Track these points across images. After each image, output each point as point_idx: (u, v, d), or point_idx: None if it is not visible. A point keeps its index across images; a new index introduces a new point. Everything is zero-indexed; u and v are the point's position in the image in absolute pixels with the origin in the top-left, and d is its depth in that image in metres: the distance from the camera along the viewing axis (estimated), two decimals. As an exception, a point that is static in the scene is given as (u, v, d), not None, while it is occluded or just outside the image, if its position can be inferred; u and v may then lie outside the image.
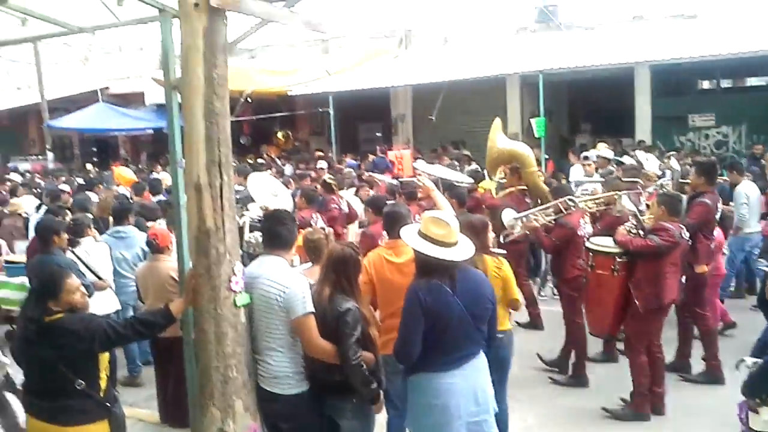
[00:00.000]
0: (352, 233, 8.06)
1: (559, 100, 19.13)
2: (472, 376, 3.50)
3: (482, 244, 4.37)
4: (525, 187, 7.62)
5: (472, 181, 8.07)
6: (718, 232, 6.50)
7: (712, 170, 6.27)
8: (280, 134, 20.39)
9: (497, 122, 8.34)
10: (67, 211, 6.94)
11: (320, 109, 17.04)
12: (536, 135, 14.40)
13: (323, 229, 5.54)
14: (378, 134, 19.91)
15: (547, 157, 15.02)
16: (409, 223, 4.05)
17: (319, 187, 8.57)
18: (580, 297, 6.07)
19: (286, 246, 3.75)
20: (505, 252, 4.81)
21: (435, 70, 16.13)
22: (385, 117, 19.49)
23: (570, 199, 6.30)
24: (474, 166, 12.34)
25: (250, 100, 16.34)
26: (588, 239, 5.93)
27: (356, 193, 9.38)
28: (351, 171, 11.98)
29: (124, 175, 12.62)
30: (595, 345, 6.36)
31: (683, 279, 5.62)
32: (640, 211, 5.88)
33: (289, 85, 17.02)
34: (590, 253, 5.68)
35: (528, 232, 6.39)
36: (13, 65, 22.66)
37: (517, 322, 6.63)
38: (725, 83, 17.26)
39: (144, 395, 6.11)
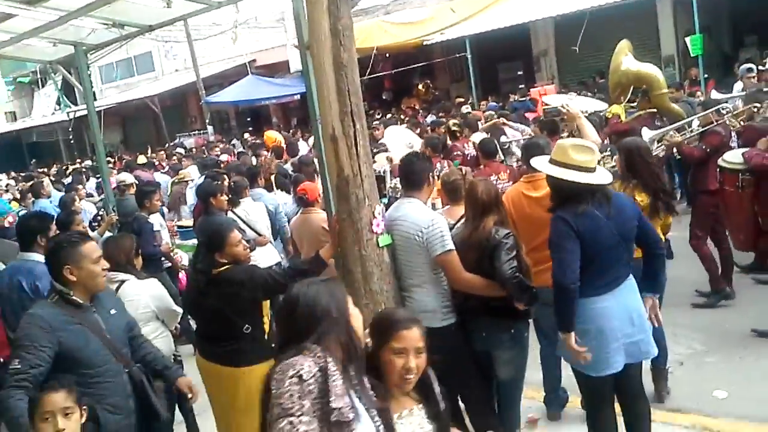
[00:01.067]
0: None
1: (719, 14, 17.48)
2: (626, 297, 3.43)
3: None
4: (655, 110, 7.33)
5: (604, 105, 7.76)
6: None
7: None
8: (420, 85, 20.46)
9: (623, 43, 8.02)
10: (225, 176, 7.47)
11: (458, 55, 16.84)
12: (692, 54, 13.34)
13: (461, 169, 5.57)
14: (519, 73, 19.33)
15: (706, 76, 13.90)
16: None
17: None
18: (714, 214, 5.88)
19: (419, 186, 3.85)
20: None
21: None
22: (526, 54, 18.88)
23: (719, 110, 6.03)
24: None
25: (387, 55, 16.50)
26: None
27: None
28: (491, 113, 11.79)
29: (271, 136, 13.70)
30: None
31: None
32: None
33: (424, 35, 16.96)
34: (718, 170, 5.50)
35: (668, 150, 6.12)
36: (170, 51, 24.49)
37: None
38: None
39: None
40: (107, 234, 6.76)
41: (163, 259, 6.95)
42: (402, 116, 15.08)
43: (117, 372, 3.25)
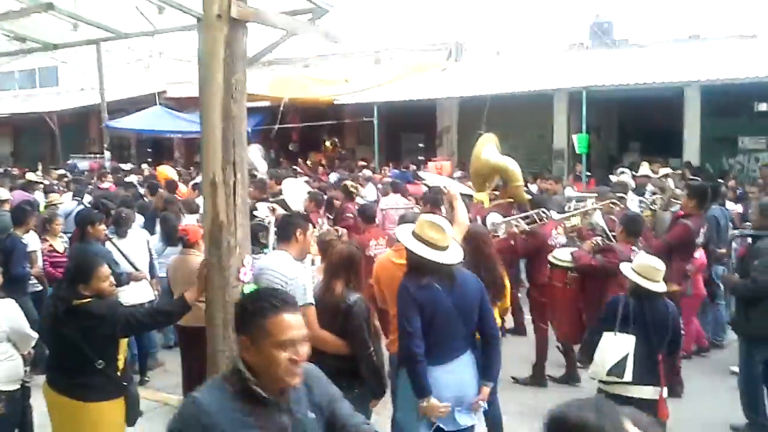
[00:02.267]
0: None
1: (609, 118, 19.02)
2: (458, 370, 3.67)
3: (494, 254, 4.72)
4: (512, 200, 7.92)
5: (472, 192, 8.30)
6: (700, 254, 6.69)
7: (704, 195, 6.49)
8: (327, 142, 20.84)
9: (487, 136, 8.73)
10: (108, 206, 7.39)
11: (365, 119, 17.38)
12: (577, 151, 14.39)
13: (336, 230, 5.79)
14: (420, 145, 20.12)
15: (589, 174, 14.99)
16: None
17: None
18: (548, 303, 6.34)
19: (288, 240, 4.03)
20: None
21: (483, 82, 16.29)
22: (430, 128, 19.70)
23: (542, 211, 6.64)
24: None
25: (282, 108, 16.82)
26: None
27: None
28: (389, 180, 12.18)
29: (163, 172, 13.51)
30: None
31: None
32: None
33: (336, 95, 17.44)
34: (548, 266, 6.03)
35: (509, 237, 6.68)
36: (78, 67, 23.80)
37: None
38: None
39: (173, 381, 6.45)
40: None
41: (34, 281, 6.74)
42: (299, 170, 15.26)
43: None
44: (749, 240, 6.02)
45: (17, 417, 4.06)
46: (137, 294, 6.48)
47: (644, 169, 12.10)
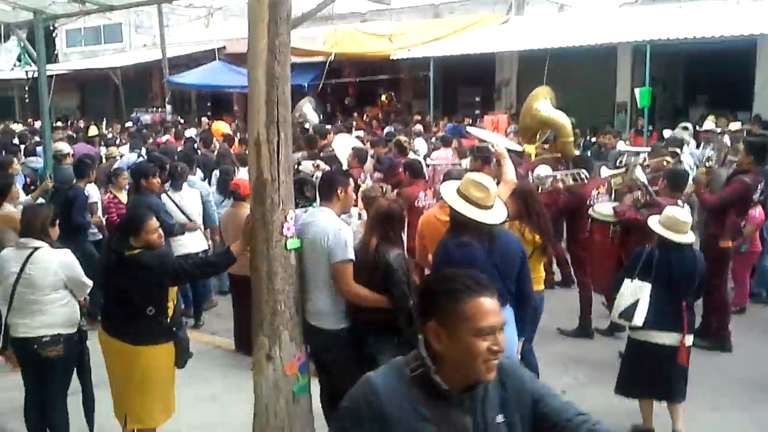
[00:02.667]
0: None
1: (675, 71, 18.32)
2: None
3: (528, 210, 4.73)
4: (559, 155, 7.83)
5: (521, 148, 8.21)
6: (759, 211, 6.61)
7: (762, 150, 6.27)
8: (383, 96, 20.80)
9: (540, 89, 8.53)
10: (163, 160, 7.67)
11: (421, 74, 17.23)
12: (639, 105, 13.97)
13: (381, 186, 5.86)
14: (477, 99, 19.83)
15: (651, 128, 14.56)
16: None
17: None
18: (587, 257, 6.38)
19: (331, 198, 4.13)
20: None
21: (545, 36, 15.87)
22: (488, 82, 19.37)
23: (579, 172, 6.59)
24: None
25: (332, 62, 16.77)
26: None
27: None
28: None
29: (219, 128, 13.86)
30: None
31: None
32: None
33: (393, 49, 17.31)
34: (590, 220, 6.05)
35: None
36: (140, 25, 24.29)
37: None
38: None
39: (225, 327, 6.77)
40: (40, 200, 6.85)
41: (95, 230, 7.10)
42: (355, 124, 15.32)
43: None
44: None
45: (75, 359, 4.33)
46: (191, 243, 6.78)
47: (708, 123, 11.72)
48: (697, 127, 11.67)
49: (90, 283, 4.35)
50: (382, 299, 3.88)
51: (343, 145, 8.01)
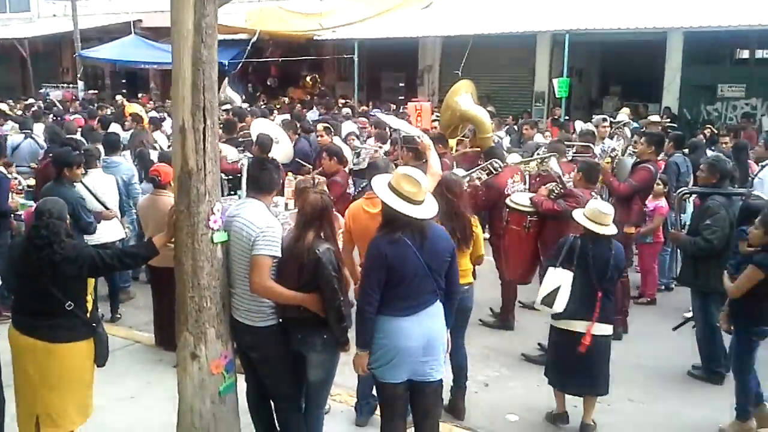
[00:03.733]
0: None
1: (592, 60, 18.86)
2: (427, 322, 3.74)
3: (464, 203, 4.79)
4: (479, 150, 7.89)
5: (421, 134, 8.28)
6: (664, 203, 7.16)
7: (661, 142, 7.08)
8: (308, 78, 20.50)
9: (462, 83, 8.64)
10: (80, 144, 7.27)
11: (345, 56, 17.09)
12: (557, 95, 14.33)
13: (313, 178, 5.73)
14: (401, 84, 19.86)
15: (567, 117, 14.97)
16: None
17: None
18: (503, 246, 6.49)
19: (264, 191, 3.99)
20: None
21: (467, 21, 15.99)
22: (411, 67, 19.42)
23: (492, 162, 6.69)
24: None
25: (255, 41, 16.39)
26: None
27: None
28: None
29: (130, 107, 13.29)
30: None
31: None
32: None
33: (316, 30, 17.07)
34: (507, 210, 6.19)
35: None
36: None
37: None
38: (760, 54, 16.79)
39: (144, 320, 6.52)
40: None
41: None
42: (278, 106, 15.04)
43: None
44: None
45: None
46: (107, 233, 6.48)
47: (622, 115, 12.12)
48: (612, 119, 12.03)
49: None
50: (298, 297, 3.78)
51: (262, 130, 7.79)
